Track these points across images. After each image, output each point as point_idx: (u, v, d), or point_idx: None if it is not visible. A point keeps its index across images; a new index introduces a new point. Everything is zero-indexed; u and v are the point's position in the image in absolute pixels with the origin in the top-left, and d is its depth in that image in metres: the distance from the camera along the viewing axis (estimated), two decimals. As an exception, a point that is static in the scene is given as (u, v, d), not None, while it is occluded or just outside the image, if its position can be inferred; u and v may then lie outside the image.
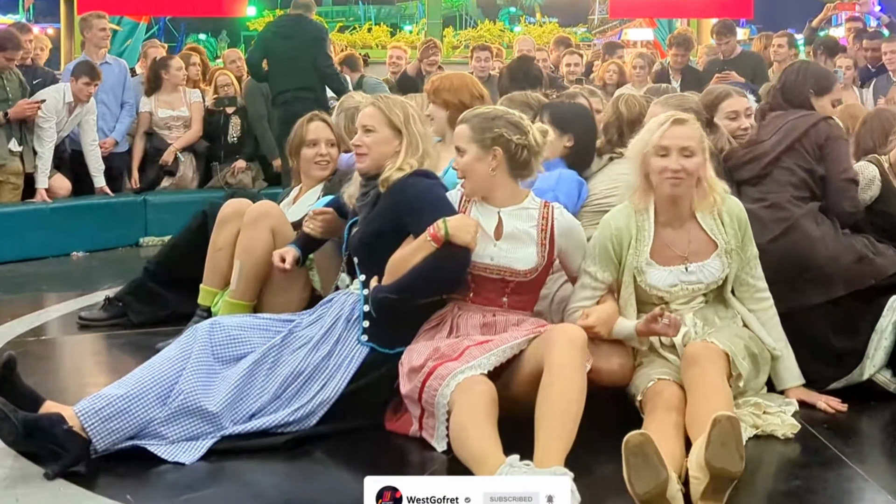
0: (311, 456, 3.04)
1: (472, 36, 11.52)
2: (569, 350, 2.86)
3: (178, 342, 3.25)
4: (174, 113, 7.89)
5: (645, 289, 3.33)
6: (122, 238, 7.36)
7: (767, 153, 3.82)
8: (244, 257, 3.93)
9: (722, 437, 2.50)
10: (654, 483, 2.43)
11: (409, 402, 3.09)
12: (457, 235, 3.10)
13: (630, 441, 2.49)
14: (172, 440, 3.00)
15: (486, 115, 3.31)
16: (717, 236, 3.33)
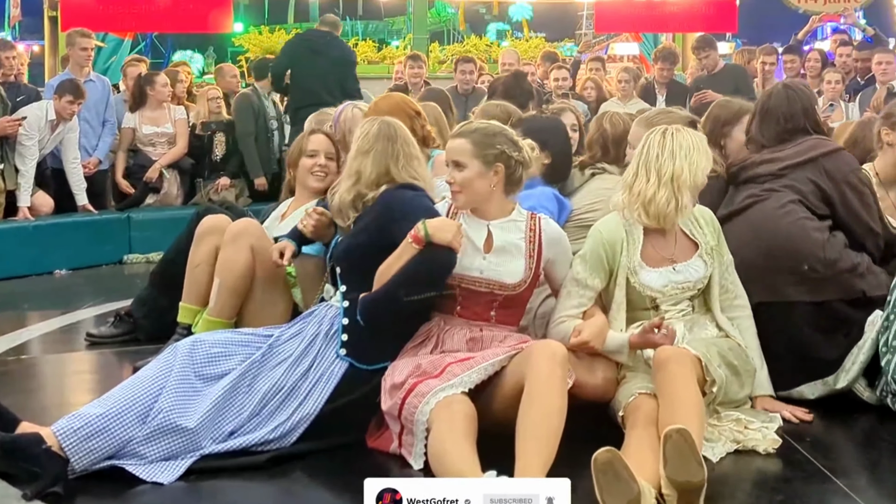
0: (290, 475, 3.01)
1: (459, 51, 11.55)
2: (549, 365, 2.85)
3: (157, 360, 3.23)
4: (158, 129, 7.88)
5: (639, 289, 3.36)
6: (105, 256, 7.31)
7: (786, 158, 3.83)
8: (224, 274, 3.90)
9: (676, 450, 2.51)
10: (627, 499, 2.43)
11: (390, 418, 3.08)
12: (437, 235, 3.11)
13: (598, 459, 2.49)
14: (151, 460, 2.97)
15: (487, 130, 3.32)
16: (698, 237, 3.41)
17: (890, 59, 8.00)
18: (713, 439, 3.09)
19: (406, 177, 3.40)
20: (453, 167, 3.28)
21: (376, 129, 3.44)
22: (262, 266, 3.91)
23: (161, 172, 7.81)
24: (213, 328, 3.79)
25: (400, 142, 3.44)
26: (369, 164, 3.38)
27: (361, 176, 3.38)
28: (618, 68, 9.24)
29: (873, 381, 3.57)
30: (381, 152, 3.39)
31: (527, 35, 15.46)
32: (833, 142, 3.96)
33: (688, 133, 3.39)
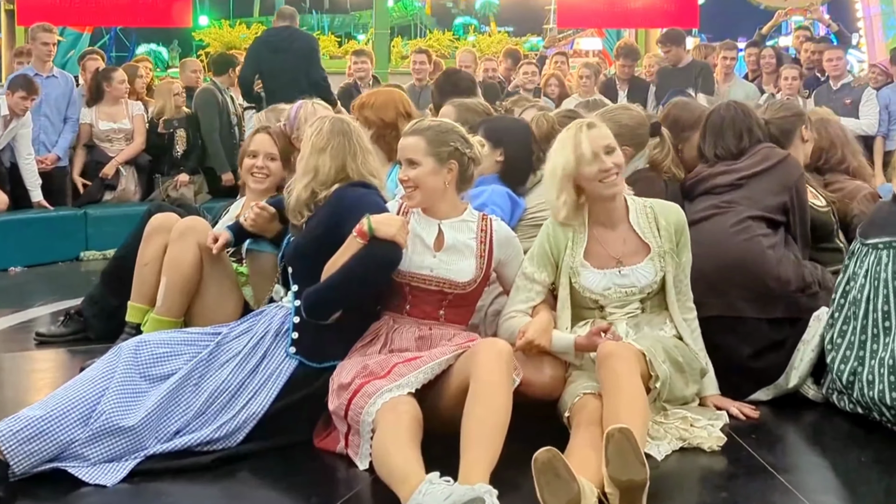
0: (235, 476, 2.99)
1: (422, 45, 11.51)
2: (494, 364, 2.84)
3: (101, 361, 3.19)
4: (115, 125, 7.82)
5: (580, 291, 3.36)
6: (62, 252, 7.25)
7: (743, 169, 3.89)
8: (170, 273, 3.87)
9: (618, 450, 2.51)
10: (567, 499, 2.42)
11: (337, 418, 3.06)
12: (380, 229, 3.11)
13: (538, 459, 2.48)
14: (94, 461, 2.93)
15: (440, 128, 3.34)
16: (650, 239, 3.38)
17: (839, 55, 8.11)
18: (659, 437, 3.10)
19: (364, 172, 3.40)
20: (407, 165, 3.28)
21: (329, 125, 3.42)
22: (209, 264, 3.89)
23: (118, 169, 7.73)
24: (161, 327, 3.77)
25: (355, 137, 3.44)
26: (327, 161, 3.36)
27: (318, 173, 3.36)
28: (579, 64, 9.25)
29: (819, 378, 3.62)
30: (337, 148, 3.38)
31: (493, 30, 15.45)
32: (781, 150, 4.01)
33: (566, 130, 3.38)
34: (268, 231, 3.83)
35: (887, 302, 3.29)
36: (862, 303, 3.37)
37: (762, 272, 3.65)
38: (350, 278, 3.15)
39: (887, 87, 8.32)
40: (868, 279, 3.37)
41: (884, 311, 3.30)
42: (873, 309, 3.33)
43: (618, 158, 3.33)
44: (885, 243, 3.35)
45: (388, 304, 3.36)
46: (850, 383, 3.37)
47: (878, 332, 3.31)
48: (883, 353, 3.28)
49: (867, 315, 3.35)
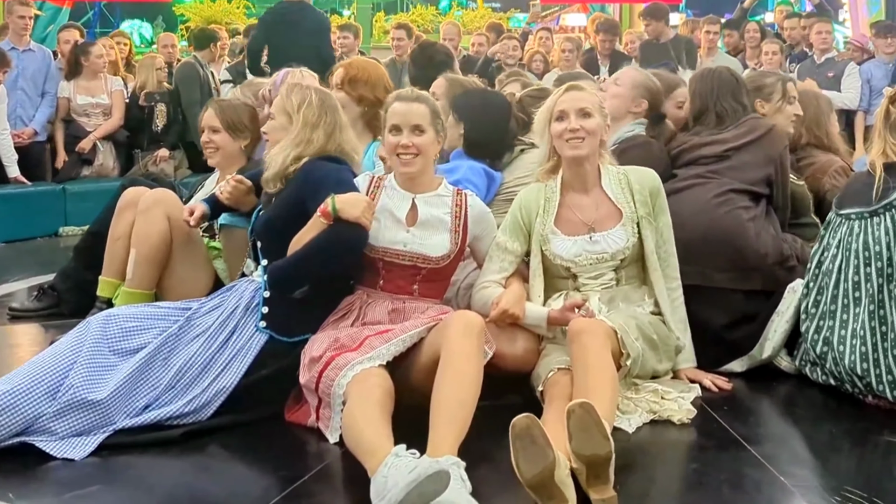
0: (205, 449, 2.97)
1: (404, 20, 11.41)
2: (464, 337, 2.82)
3: (69, 335, 3.16)
4: (93, 100, 7.77)
5: (551, 258, 3.36)
6: (40, 228, 7.22)
7: (729, 140, 3.88)
8: (139, 245, 3.85)
9: (580, 425, 2.48)
10: (542, 466, 2.40)
11: (307, 391, 3.05)
12: (344, 209, 3.08)
13: (516, 425, 2.45)
14: (62, 436, 2.91)
15: (431, 100, 3.39)
16: (623, 205, 3.38)
17: (828, 28, 8.10)
18: (629, 411, 3.10)
19: (346, 148, 3.40)
20: (411, 131, 3.25)
21: (318, 100, 3.42)
22: (179, 236, 3.86)
23: (95, 144, 7.67)
24: (132, 300, 3.75)
25: (340, 112, 3.46)
26: (321, 136, 3.37)
27: (311, 145, 3.35)
28: (560, 38, 9.21)
29: (792, 350, 3.62)
30: (330, 124, 3.39)
31: (481, 5, 15.34)
32: (766, 121, 4.01)
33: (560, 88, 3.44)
34: (244, 204, 3.79)
35: (858, 272, 3.29)
36: (833, 273, 3.38)
37: (741, 244, 3.65)
38: (312, 258, 3.14)
39: (869, 62, 8.33)
40: (840, 249, 3.37)
41: (854, 281, 3.30)
42: (844, 279, 3.33)
43: (589, 123, 3.33)
44: (857, 213, 3.34)
45: (361, 279, 3.33)
46: (824, 353, 3.37)
47: (848, 302, 3.31)
48: (854, 323, 3.28)
49: (838, 285, 3.35)
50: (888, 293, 3.20)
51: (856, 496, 2.55)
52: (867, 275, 3.25)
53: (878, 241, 3.24)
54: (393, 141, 3.27)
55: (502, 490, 2.60)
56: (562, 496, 2.41)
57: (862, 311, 3.26)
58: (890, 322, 3.18)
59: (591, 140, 3.34)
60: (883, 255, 3.22)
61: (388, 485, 2.34)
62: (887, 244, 3.22)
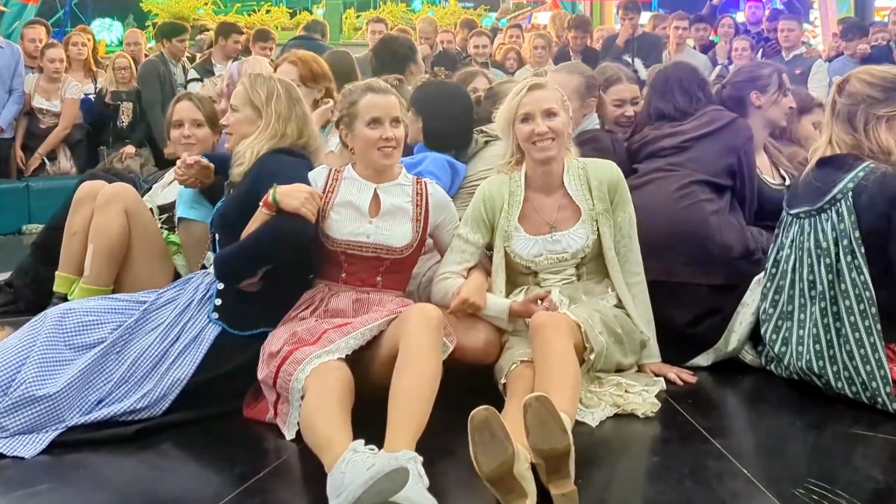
0: (159, 447, 2.91)
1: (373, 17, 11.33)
2: (424, 330, 2.78)
3: (23, 329, 3.09)
4: (46, 105, 7.75)
5: (512, 257, 3.33)
6: (3, 225, 7.16)
7: (689, 131, 3.86)
8: (97, 240, 3.75)
9: (537, 419, 2.43)
10: (501, 460, 2.35)
11: (265, 387, 2.99)
12: (284, 200, 3.05)
13: (475, 417, 2.40)
14: (12, 432, 2.85)
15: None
16: (582, 202, 3.35)
17: (793, 26, 8.13)
18: (592, 405, 3.06)
19: (307, 137, 3.37)
20: (392, 124, 3.23)
21: (286, 92, 3.39)
22: (138, 231, 3.78)
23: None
24: (89, 296, 3.64)
25: (304, 103, 3.44)
26: (295, 128, 3.35)
27: (286, 139, 3.33)
28: (532, 35, 9.20)
29: (756, 343, 3.60)
30: (300, 116, 3.38)
31: (453, 3, 15.26)
32: (728, 112, 3.98)
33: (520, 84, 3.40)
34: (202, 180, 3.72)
35: (812, 271, 3.26)
36: (788, 273, 3.36)
37: (704, 238, 3.63)
38: (252, 248, 3.10)
39: (838, 59, 8.36)
40: (793, 249, 3.35)
41: (809, 280, 3.28)
42: (800, 279, 3.31)
43: (556, 123, 3.29)
44: (805, 212, 3.32)
45: (323, 273, 3.28)
46: (782, 353, 3.36)
47: (804, 301, 3.29)
48: (809, 322, 3.27)
49: (794, 285, 3.33)
50: (839, 289, 3.17)
51: (819, 488, 2.52)
52: (819, 273, 3.23)
53: (827, 238, 3.21)
54: (373, 134, 3.21)
55: (461, 485, 2.56)
56: (521, 490, 2.37)
57: (815, 308, 3.24)
58: (843, 319, 3.15)
59: (559, 140, 3.31)
60: (830, 250, 3.19)
61: (345, 481, 2.29)
62: (834, 239, 3.19)
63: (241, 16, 12.57)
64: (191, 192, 3.81)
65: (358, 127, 3.24)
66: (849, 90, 3.32)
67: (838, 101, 3.34)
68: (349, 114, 3.26)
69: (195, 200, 3.83)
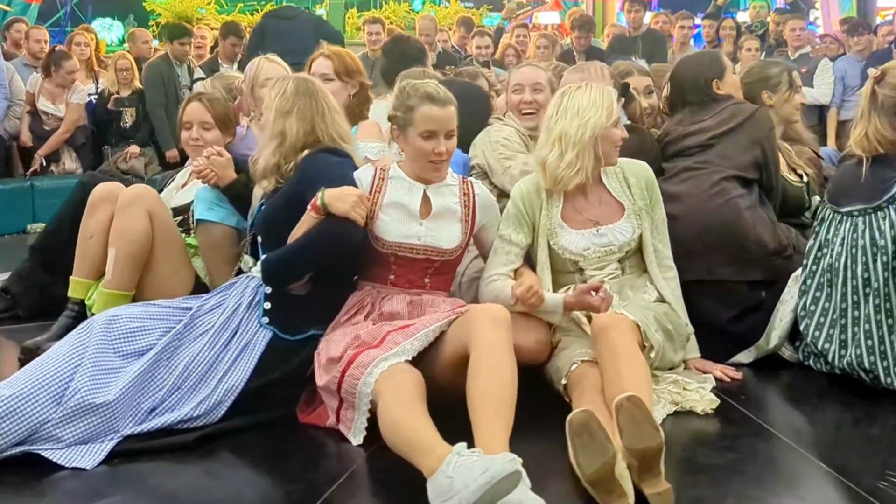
0: (220, 454, 2.82)
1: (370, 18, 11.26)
2: (495, 330, 2.72)
3: (70, 338, 2.97)
4: (51, 108, 7.66)
5: (559, 252, 3.30)
6: (7, 225, 7.07)
7: (712, 128, 3.84)
8: (120, 243, 3.61)
9: (630, 419, 2.41)
10: (602, 461, 2.33)
11: (326, 393, 2.92)
12: (333, 204, 2.98)
13: (574, 420, 2.38)
14: (68, 443, 2.74)
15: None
16: (623, 198, 3.35)
17: (802, 25, 8.19)
18: (653, 403, 3.00)
19: (333, 134, 3.26)
20: (448, 137, 3.16)
21: (293, 86, 3.28)
22: (160, 234, 3.67)
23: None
24: (111, 301, 3.55)
25: (321, 97, 3.31)
26: (294, 123, 3.22)
27: (286, 137, 3.22)
28: (535, 35, 9.21)
29: (793, 341, 3.60)
30: (304, 109, 3.24)
31: (454, 3, 15.21)
32: (749, 104, 3.98)
33: (588, 91, 3.31)
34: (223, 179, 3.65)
35: (867, 269, 3.26)
36: (840, 270, 3.35)
37: (740, 235, 3.62)
38: (302, 252, 3.04)
39: (841, 58, 8.40)
40: (844, 247, 3.35)
41: (864, 277, 3.28)
42: (852, 276, 3.31)
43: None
44: (859, 210, 3.32)
45: (369, 275, 3.22)
46: (826, 350, 3.36)
47: (857, 298, 3.29)
48: (863, 319, 3.27)
49: (846, 283, 3.32)
50: (894, 286, 3.19)
51: (900, 480, 2.52)
52: (874, 270, 3.23)
53: (884, 236, 3.22)
54: (426, 147, 3.13)
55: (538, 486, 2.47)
56: (621, 490, 2.35)
57: (868, 305, 3.24)
58: None
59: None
60: (889, 248, 3.21)
61: (454, 485, 2.23)
62: (893, 238, 3.20)
63: (244, 15, 12.47)
64: (210, 193, 3.73)
65: (411, 135, 3.16)
66: (892, 81, 3.30)
67: (879, 92, 3.33)
68: (404, 118, 3.17)
69: (214, 202, 3.74)
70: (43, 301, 4.20)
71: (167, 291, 3.58)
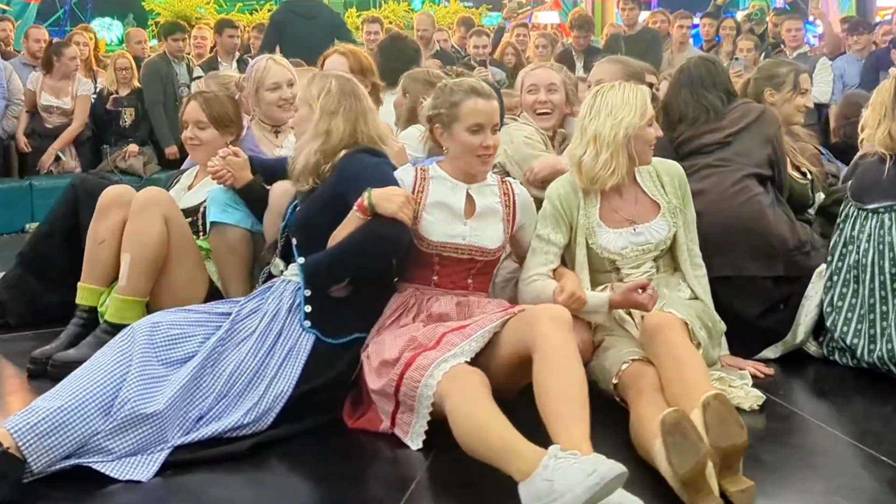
0: (273, 462, 2.76)
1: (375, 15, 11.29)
2: (559, 330, 2.68)
3: (112, 346, 2.86)
4: (56, 102, 7.61)
5: (597, 251, 3.29)
6: (6, 225, 7.02)
7: (728, 126, 3.87)
8: (134, 248, 3.50)
9: (717, 417, 2.42)
10: (695, 460, 2.32)
11: (380, 397, 2.86)
12: (381, 205, 2.92)
13: (667, 420, 2.37)
14: (119, 455, 2.65)
15: None
16: (659, 197, 3.36)
17: (799, 25, 8.19)
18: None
19: (373, 135, 3.22)
20: (493, 130, 3.13)
21: (337, 85, 3.22)
22: (175, 238, 3.58)
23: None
24: (125, 308, 3.49)
25: (363, 97, 3.26)
26: (341, 124, 3.16)
27: (331, 136, 3.16)
28: (535, 35, 9.22)
29: (816, 336, 3.66)
30: (349, 110, 3.19)
31: (453, 2, 15.24)
32: (756, 104, 4.02)
33: (621, 90, 3.29)
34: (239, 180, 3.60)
35: (894, 265, 3.35)
36: (867, 266, 3.43)
37: (765, 232, 3.67)
38: (349, 254, 2.98)
39: (841, 57, 8.38)
40: (872, 243, 3.43)
41: (891, 273, 3.37)
42: (879, 272, 3.40)
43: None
44: (885, 207, 3.41)
45: (411, 276, 3.18)
46: (855, 344, 3.43)
47: (886, 294, 3.38)
48: (892, 314, 3.35)
49: (874, 278, 3.41)
50: None
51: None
52: None
53: None
54: (474, 141, 3.10)
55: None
56: (709, 489, 2.35)
57: None
58: None
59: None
60: None
61: (555, 488, 2.19)
62: None
63: (243, 14, 12.50)
64: (224, 194, 3.65)
65: (457, 130, 3.12)
66: None
67: None
68: (449, 114, 3.13)
69: (229, 203, 3.66)
70: (35, 309, 4.09)
71: (182, 297, 3.52)
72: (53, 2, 13.47)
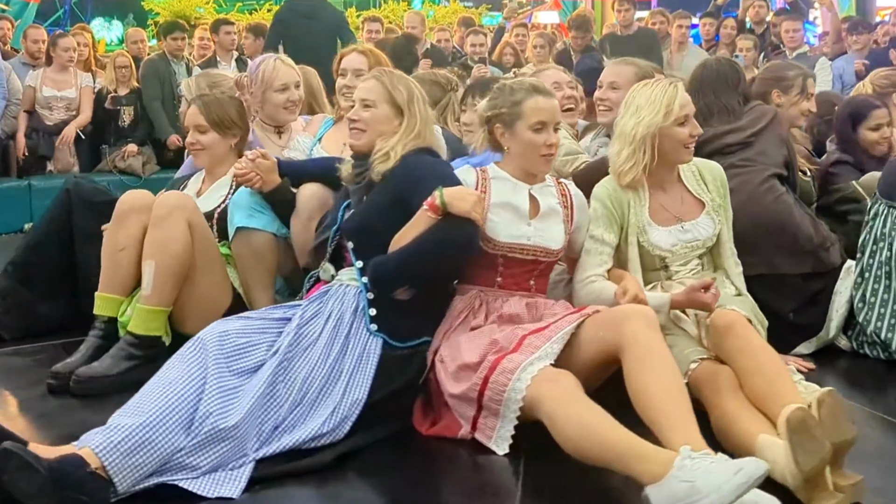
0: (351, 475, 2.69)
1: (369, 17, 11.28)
2: (650, 330, 2.66)
3: (182, 358, 2.73)
4: (58, 93, 7.48)
5: (648, 249, 3.31)
6: (4, 224, 6.90)
7: (748, 126, 3.91)
8: (159, 256, 3.35)
9: (831, 413, 2.46)
10: (820, 457, 2.36)
11: (460, 401, 2.81)
12: (454, 204, 2.86)
13: (792, 419, 2.40)
14: (204, 471, 2.55)
15: None
16: (702, 195, 3.40)
17: (798, 26, 8.22)
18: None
19: (431, 139, 3.19)
20: (556, 128, 3.12)
21: (420, 92, 3.21)
22: (199, 244, 3.45)
23: (52, 142, 7.45)
24: (150, 318, 3.38)
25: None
26: (429, 130, 3.18)
27: (423, 140, 3.14)
28: (533, 34, 9.21)
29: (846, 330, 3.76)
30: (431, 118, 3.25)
31: (453, 2, 15.25)
32: (769, 106, 4.07)
33: (650, 88, 3.30)
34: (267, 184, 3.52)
35: None
36: None
37: (794, 229, 3.74)
38: (421, 255, 2.90)
39: (841, 57, 8.38)
40: None
41: None
42: None
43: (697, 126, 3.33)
44: None
45: (473, 278, 3.13)
46: (889, 339, 3.54)
47: None
48: None
49: None
50: None
51: None
52: None
53: None
54: (538, 139, 3.07)
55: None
56: (825, 485, 2.39)
57: None
58: None
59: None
60: None
61: (698, 488, 2.17)
62: None
63: (243, 14, 12.47)
64: (250, 198, 3.56)
65: (520, 129, 3.08)
66: None
67: None
68: (511, 113, 3.09)
69: (254, 207, 3.57)
70: (28, 321, 3.93)
71: (208, 306, 3.44)
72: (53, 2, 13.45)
